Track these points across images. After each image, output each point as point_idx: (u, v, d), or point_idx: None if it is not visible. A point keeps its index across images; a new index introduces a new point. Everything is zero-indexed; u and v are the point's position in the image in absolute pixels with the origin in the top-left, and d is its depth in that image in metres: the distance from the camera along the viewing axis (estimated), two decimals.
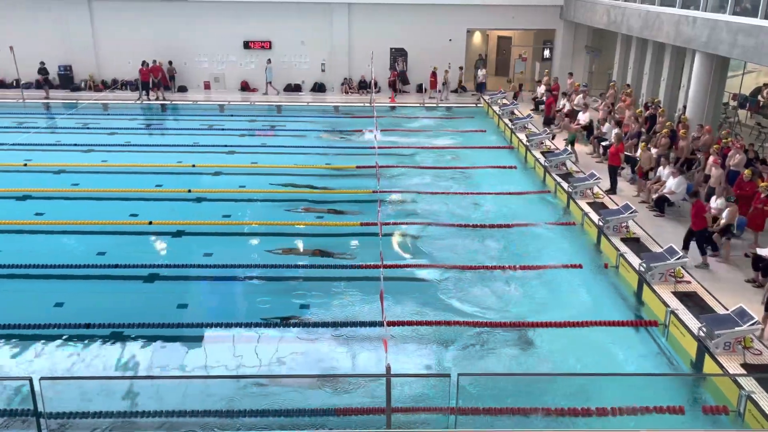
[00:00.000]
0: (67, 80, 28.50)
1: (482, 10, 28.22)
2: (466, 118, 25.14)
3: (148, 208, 15.17)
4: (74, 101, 26.48)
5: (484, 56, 30.66)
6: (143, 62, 26.83)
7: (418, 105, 27.15)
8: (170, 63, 28.25)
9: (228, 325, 10.19)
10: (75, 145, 20.16)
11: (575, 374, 8.96)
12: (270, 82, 28.37)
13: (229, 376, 8.99)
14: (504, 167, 18.77)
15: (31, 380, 6.24)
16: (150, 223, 14.11)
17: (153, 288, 11.58)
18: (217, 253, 12.84)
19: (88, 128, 22.65)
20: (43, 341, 9.76)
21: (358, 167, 18.49)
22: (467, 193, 16.53)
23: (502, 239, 13.70)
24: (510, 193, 16.46)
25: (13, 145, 19.72)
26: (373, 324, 10.23)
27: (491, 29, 30.96)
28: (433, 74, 27.79)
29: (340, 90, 29.18)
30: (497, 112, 24.16)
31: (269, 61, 28.31)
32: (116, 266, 12.05)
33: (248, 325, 10.28)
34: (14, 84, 27.87)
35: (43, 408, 7.04)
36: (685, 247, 12.01)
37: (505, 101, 25.30)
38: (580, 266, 12.35)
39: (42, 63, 27.43)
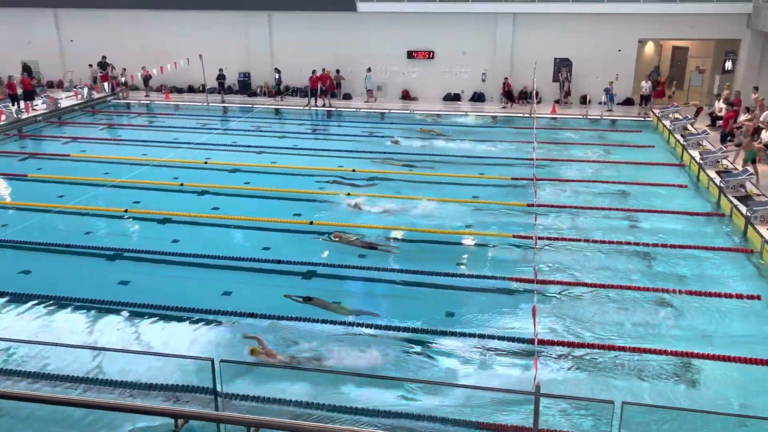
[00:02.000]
0: (245, 86, 30.93)
1: (657, 19, 26.63)
2: (632, 132, 23.84)
3: (310, 208, 15.99)
4: (250, 105, 28.67)
5: (657, 67, 28.80)
6: (313, 71, 28.38)
7: (581, 117, 26.19)
8: (337, 71, 29.61)
9: (370, 326, 10.46)
10: (249, 146, 21.76)
11: (749, 416, 8.13)
12: (370, 90, 28.97)
13: (380, 376, 9.16)
14: (673, 185, 17.57)
15: (212, 361, 6.59)
16: (311, 223, 14.87)
17: (311, 284, 12.17)
18: (371, 256, 13.23)
19: (261, 131, 24.36)
20: (213, 324, 10.63)
21: (513, 179, 18.23)
22: (629, 210, 15.70)
23: (665, 262, 12.85)
24: (678, 212, 15.38)
25: (197, 144, 21.75)
26: (522, 340, 10.02)
27: (666, 39, 29.09)
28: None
29: (499, 100, 28.92)
30: (668, 127, 22.66)
31: (369, 69, 29.00)
32: (278, 261, 12.84)
33: (389, 327, 10.45)
34: (201, 89, 30.70)
35: (222, 387, 7.55)
36: None
37: (677, 115, 23.64)
38: (759, 298, 11.24)
39: (220, 70, 29.92)
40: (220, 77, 30.02)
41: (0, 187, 18.13)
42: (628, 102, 28.15)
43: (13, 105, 25.34)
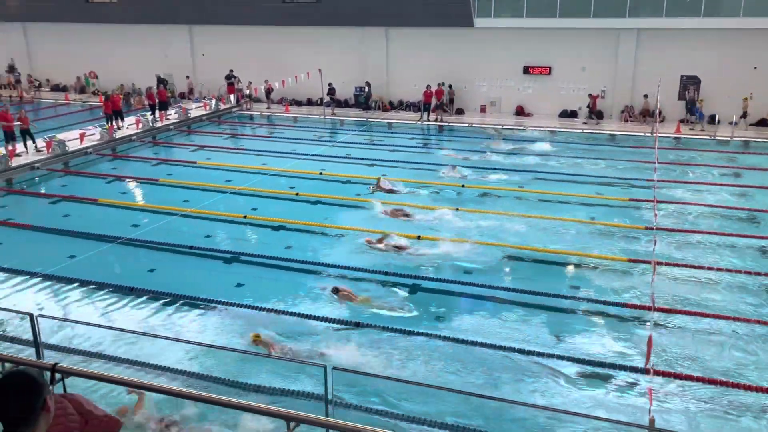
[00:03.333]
0: (361, 100, 31.71)
1: None
2: (766, 155, 22.19)
3: (420, 225, 16.08)
4: (365, 119, 29.35)
5: None
6: (427, 86, 28.65)
7: (708, 138, 24.69)
8: (449, 87, 29.71)
9: (483, 345, 10.33)
10: (362, 159, 22.27)
11: None
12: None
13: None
14: None
15: (325, 368, 6.62)
16: (418, 237, 14.92)
17: (417, 298, 12.22)
18: (476, 273, 13.10)
19: (373, 144, 24.85)
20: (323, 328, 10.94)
21: (631, 200, 17.48)
22: (759, 237, 14.60)
23: None
24: None
25: (313, 156, 22.54)
26: (635, 370, 9.54)
27: None
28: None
29: (619, 117, 27.86)
30: None
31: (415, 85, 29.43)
32: (386, 273, 13.01)
33: (495, 347, 10.27)
34: (318, 102, 31.81)
35: (332, 395, 7.38)
36: None
37: None
38: None
39: (330, 84, 30.81)
40: (330, 91, 30.92)
41: (135, 190, 19.63)
42: (762, 123, 26.22)
43: (150, 114, 27.40)
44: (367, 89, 30.90)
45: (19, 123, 21.76)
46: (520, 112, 29.57)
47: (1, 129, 21.41)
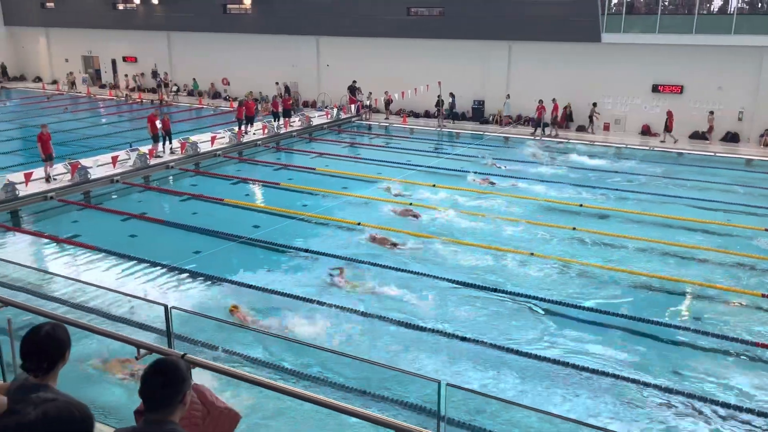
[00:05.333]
0: (478, 113, 31.55)
1: None
2: None
3: (530, 240, 15.73)
4: (481, 133, 29.15)
5: None
6: (539, 100, 28.02)
7: None
8: (568, 104, 28.91)
9: (583, 369, 9.93)
10: (475, 173, 22.11)
11: None
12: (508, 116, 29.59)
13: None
14: None
15: (439, 384, 6.42)
16: (531, 254, 14.60)
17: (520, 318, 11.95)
18: (602, 299, 12.62)
19: (486, 158, 24.59)
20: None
21: (766, 229, 16.21)
22: None
23: None
24: None
25: (428, 167, 22.65)
26: (763, 414, 8.80)
27: None
28: None
29: (758, 142, 25.93)
30: None
31: (508, 96, 29.03)
32: (495, 290, 12.82)
33: (605, 373, 9.82)
34: (435, 114, 32.00)
35: (446, 412, 6.82)
36: None
37: None
38: None
39: (438, 96, 30.77)
40: (439, 103, 30.94)
41: (257, 193, 20.60)
42: None
43: (275, 121, 28.67)
44: (452, 100, 30.97)
45: (160, 126, 23.40)
46: (646, 131, 28.25)
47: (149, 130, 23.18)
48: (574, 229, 16.26)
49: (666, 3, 27.93)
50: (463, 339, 10.84)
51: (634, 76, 28.04)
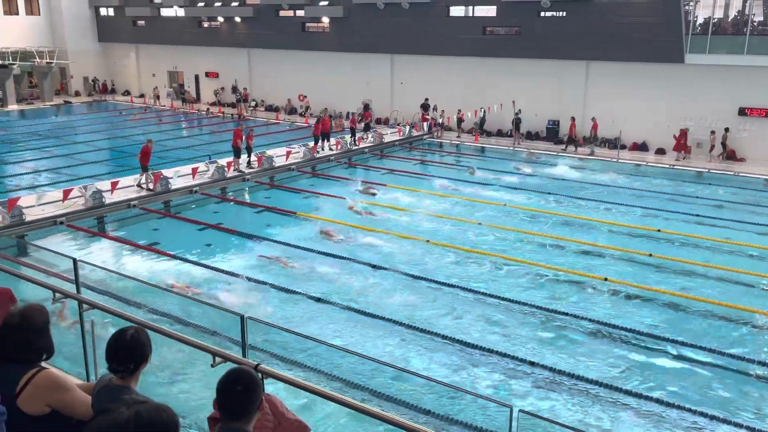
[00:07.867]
0: (553, 133, 31.05)
1: None
2: None
3: (603, 264, 15.35)
4: (555, 153, 28.66)
5: None
6: (592, 118, 27.16)
7: None
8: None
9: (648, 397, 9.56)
10: (543, 192, 21.83)
11: None
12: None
13: None
14: None
15: (511, 409, 6.14)
16: (605, 279, 14.22)
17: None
18: (658, 321, 12.16)
19: (563, 179, 24.15)
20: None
21: None
22: None
23: None
24: None
25: (500, 186, 22.46)
26: None
27: None
28: None
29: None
30: None
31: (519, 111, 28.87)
32: (555, 312, 12.55)
33: (662, 402, 9.41)
34: (509, 133, 31.75)
35: None
36: None
37: None
38: None
39: (516, 114, 30.41)
40: (514, 123, 30.64)
41: (326, 207, 20.85)
42: None
43: (350, 137, 29.10)
44: (483, 115, 30.92)
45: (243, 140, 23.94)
46: (731, 155, 27.04)
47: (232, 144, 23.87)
48: None
49: (755, 23, 26.78)
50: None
51: (719, 98, 26.90)
